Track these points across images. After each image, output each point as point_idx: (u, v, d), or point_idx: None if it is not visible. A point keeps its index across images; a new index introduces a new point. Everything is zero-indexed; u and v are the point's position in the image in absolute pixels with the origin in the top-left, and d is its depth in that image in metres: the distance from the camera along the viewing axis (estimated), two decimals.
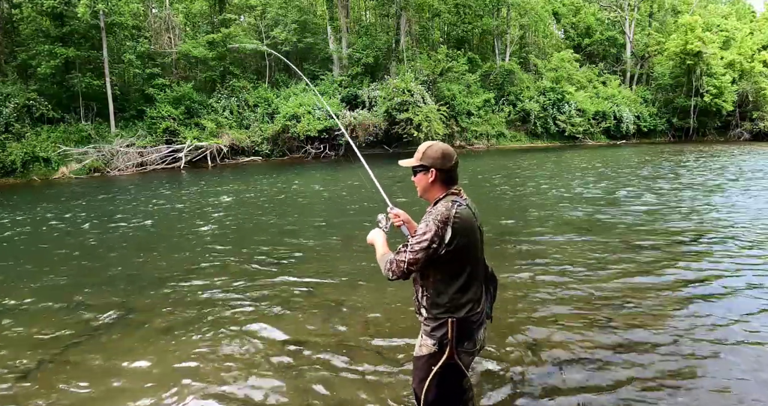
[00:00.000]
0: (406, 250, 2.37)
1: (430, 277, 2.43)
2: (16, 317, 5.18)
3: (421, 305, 2.49)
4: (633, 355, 3.99)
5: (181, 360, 4.09)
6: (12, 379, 3.88)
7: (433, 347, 2.44)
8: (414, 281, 2.53)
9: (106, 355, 4.23)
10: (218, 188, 15.45)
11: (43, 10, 22.12)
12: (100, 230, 9.64)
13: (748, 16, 55.31)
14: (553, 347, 4.14)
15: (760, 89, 40.09)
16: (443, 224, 2.33)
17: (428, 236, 2.32)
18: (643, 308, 4.93)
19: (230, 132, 24.99)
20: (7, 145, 19.26)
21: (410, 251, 2.35)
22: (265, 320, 4.87)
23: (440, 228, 2.32)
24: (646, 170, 18.01)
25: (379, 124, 26.62)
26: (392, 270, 2.41)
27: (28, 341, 4.56)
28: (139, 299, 5.58)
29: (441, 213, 2.35)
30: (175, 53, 26.59)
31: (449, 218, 2.34)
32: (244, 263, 6.90)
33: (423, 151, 2.49)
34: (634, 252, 6.94)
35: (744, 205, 10.54)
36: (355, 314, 4.98)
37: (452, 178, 2.49)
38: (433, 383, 2.45)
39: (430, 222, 2.35)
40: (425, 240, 2.32)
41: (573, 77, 37.77)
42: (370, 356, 4.07)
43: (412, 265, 2.36)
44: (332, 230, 9.03)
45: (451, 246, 2.33)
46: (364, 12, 38.54)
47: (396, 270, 2.40)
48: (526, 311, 4.91)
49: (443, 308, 2.40)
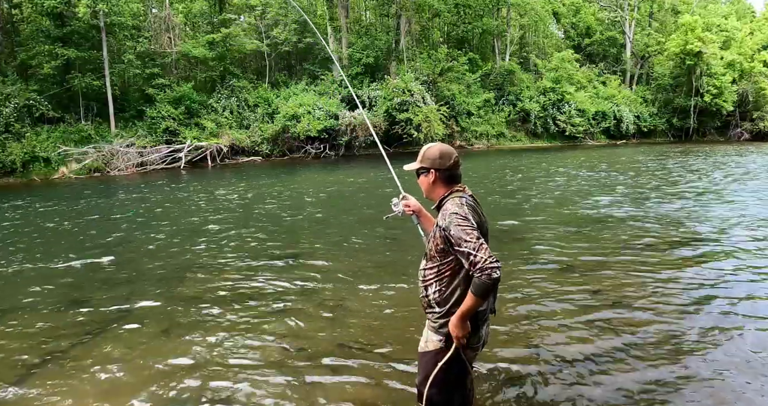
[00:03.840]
0: (473, 254, 2.20)
1: (444, 272, 2.44)
2: (16, 316, 5.19)
3: (431, 301, 2.50)
4: (633, 355, 3.99)
5: (180, 360, 4.09)
6: (12, 379, 3.88)
7: (440, 343, 2.46)
8: (424, 277, 2.54)
9: (106, 354, 4.23)
10: (218, 188, 15.45)
11: (43, 10, 22.11)
12: (101, 229, 9.65)
13: (748, 16, 55.31)
14: (552, 347, 4.14)
15: (760, 89, 40.08)
16: (464, 213, 2.36)
17: (466, 230, 2.26)
18: (643, 308, 4.93)
19: (230, 132, 24.99)
20: (7, 145, 19.26)
21: (467, 241, 2.22)
22: (265, 319, 4.87)
23: (465, 217, 2.32)
24: (646, 170, 18.01)
25: (379, 125, 26.62)
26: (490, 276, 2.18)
27: (27, 341, 4.56)
28: (139, 299, 5.58)
29: (454, 210, 2.38)
30: (175, 53, 26.57)
31: (462, 209, 2.39)
32: (244, 263, 6.89)
33: (423, 154, 2.56)
34: (634, 252, 6.93)
35: (748, 205, 10.52)
36: (356, 313, 4.98)
37: (454, 176, 2.53)
38: (437, 379, 2.46)
39: (454, 221, 2.32)
40: (468, 234, 2.24)
41: (573, 77, 37.75)
42: (371, 356, 4.07)
43: (491, 255, 2.19)
44: (333, 230, 9.02)
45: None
46: (364, 12, 38.53)
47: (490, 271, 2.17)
48: (525, 311, 4.90)
49: (453, 303, 2.42)
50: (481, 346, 2.58)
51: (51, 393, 3.66)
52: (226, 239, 8.43)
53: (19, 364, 4.11)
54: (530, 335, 4.39)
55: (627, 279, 5.79)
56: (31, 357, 4.22)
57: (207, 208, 11.78)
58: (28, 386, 3.77)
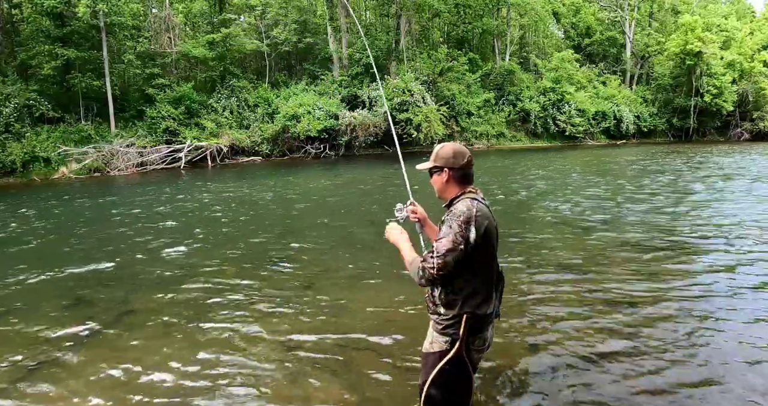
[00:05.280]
0: (433, 255, 2.33)
1: (450, 274, 2.44)
2: (16, 316, 5.18)
3: (436, 303, 2.50)
4: (633, 356, 3.98)
5: (180, 360, 4.09)
6: (12, 378, 3.88)
7: (445, 344, 2.45)
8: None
9: (106, 354, 4.22)
10: (218, 188, 15.44)
11: (43, 10, 22.11)
12: (101, 228, 9.64)
13: (748, 16, 55.33)
14: (552, 348, 4.14)
15: (760, 89, 40.09)
16: (466, 224, 2.35)
17: (453, 237, 2.33)
18: (643, 308, 4.93)
19: (230, 132, 24.99)
20: (7, 145, 19.25)
21: (437, 256, 2.32)
22: (264, 319, 4.87)
23: (464, 229, 2.34)
24: (647, 170, 18.00)
25: (379, 125, 26.62)
26: (424, 277, 2.37)
27: (27, 340, 4.55)
28: (139, 299, 5.58)
29: (463, 213, 2.37)
30: (175, 53, 26.57)
31: (471, 217, 2.36)
32: (244, 262, 6.89)
33: (436, 153, 2.56)
34: (635, 252, 6.93)
35: (750, 205, 10.53)
36: (357, 313, 4.98)
37: (467, 176, 2.53)
38: (439, 379, 2.46)
39: (453, 224, 2.36)
40: (451, 242, 2.32)
41: (573, 77, 37.75)
42: (371, 355, 4.07)
43: (441, 270, 2.33)
44: (333, 229, 9.02)
45: (475, 245, 2.36)
46: (364, 12, 38.52)
47: (428, 276, 2.35)
48: (526, 311, 4.90)
49: (459, 305, 2.42)
50: (485, 348, 2.58)
51: (50, 393, 3.66)
52: (226, 239, 8.42)
53: (19, 364, 4.11)
54: (529, 335, 4.39)
55: (628, 279, 5.78)
56: (31, 357, 4.21)
57: (207, 208, 11.78)
58: (28, 385, 3.77)
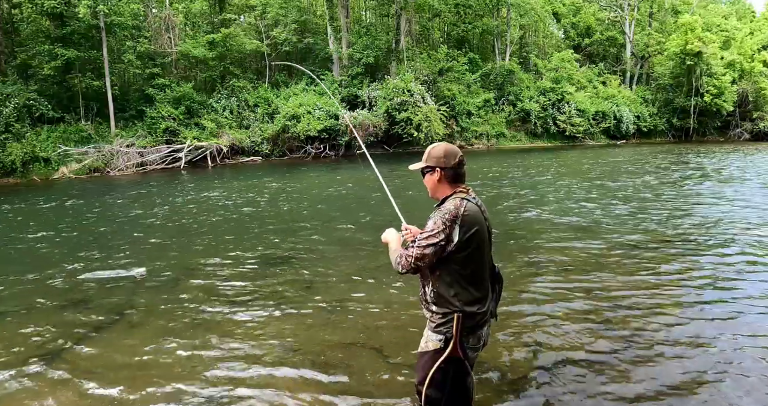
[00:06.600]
0: (414, 245, 2.46)
1: (438, 272, 2.48)
2: (16, 316, 5.19)
3: (428, 301, 2.53)
4: (634, 356, 3.99)
5: (179, 359, 4.10)
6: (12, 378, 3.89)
7: (439, 342, 2.47)
8: (422, 277, 2.58)
9: (105, 354, 4.23)
10: (218, 188, 15.45)
11: (43, 10, 22.11)
12: (100, 229, 9.64)
13: (748, 16, 55.32)
14: (552, 348, 4.14)
15: (760, 89, 40.08)
16: (451, 222, 2.39)
17: (435, 232, 2.40)
18: (643, 308, 4.93)
19: (230, 132, 24.99)
20: (7, 145, 19.24)
21: (418, 246, 2.44)
22: (265, 319, 4.87)
23: (448, 226, 2.39)
24: (646, 170, 18.00)
25: (379, 125, 26.62)
26: (401, 264, 2.51)
27: (27, 342, 4.56)
28: (139, 299, 5.59)
29: (449, 211, 2.41)
30: (175, 53, 26.57)
31: (458, 216, 2.40)
32: (244, 262, 6.90)
33: (428, 153, 2.60)
34: (635, 252, 6.93)
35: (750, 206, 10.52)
36: (356, 312, 4.98)
37: (458, 175, 2.56)
38: (436, 378, 2.47)
39: (438, 220, 2.42)
40: (432, 236, 2.41)
41: (573, 77, 37.73)
42: (371, 356, 4.07)
43: (419, 260, 2.44)
44: (333, 229, 9.02)
45: (459, 244, 2.39)
46: (364, 12, 38.53)
47: (405, 264, 2.49)
48: (526, 311, 4.91)
49: (450, 303, 2.45)
50: (480, 347, 2.60)
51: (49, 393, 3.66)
52: (225, 239, 8.43)
53: (19, 364, 4.11)
54: (530, 335, 4.39)
55: (628, 279, 5.79)
56: (31, 358, 4.22)
57: (207, 208, 11.78)
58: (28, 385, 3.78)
